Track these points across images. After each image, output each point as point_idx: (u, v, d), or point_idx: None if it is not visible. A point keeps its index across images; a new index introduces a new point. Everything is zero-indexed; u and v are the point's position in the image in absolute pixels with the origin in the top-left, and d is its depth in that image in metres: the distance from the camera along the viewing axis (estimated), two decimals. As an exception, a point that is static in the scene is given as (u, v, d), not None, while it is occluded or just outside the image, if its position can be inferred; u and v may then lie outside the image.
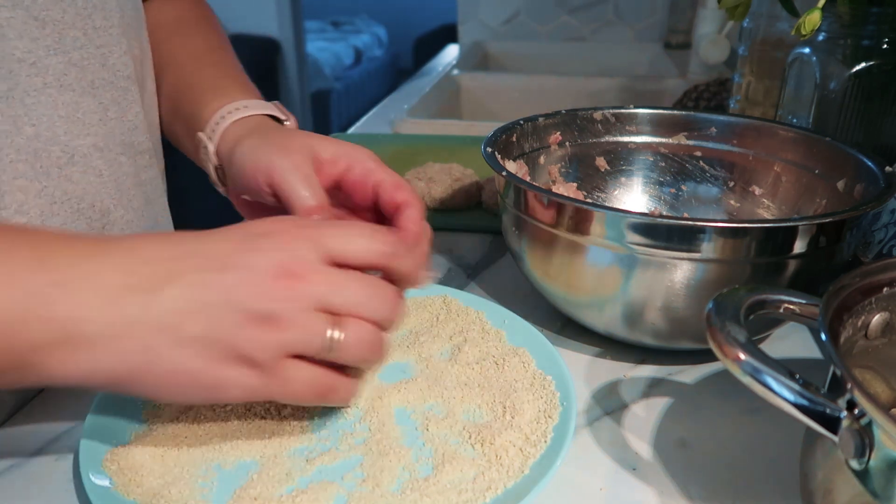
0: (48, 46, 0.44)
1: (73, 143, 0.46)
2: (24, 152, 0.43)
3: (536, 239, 0.48)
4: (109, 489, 0.35)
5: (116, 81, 0.50)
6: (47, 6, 0.44)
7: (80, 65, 0.46)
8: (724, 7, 0.64)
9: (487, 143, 0.53)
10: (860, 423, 0.27)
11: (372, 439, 0.39)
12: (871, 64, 0.58)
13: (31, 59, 0.43)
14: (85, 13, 0.46)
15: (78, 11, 0.46)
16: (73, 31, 0.45)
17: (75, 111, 0.46)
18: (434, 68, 1.50)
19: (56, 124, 0.45)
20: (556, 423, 0.40)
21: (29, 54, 0.43)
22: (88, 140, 0.47)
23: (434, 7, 4.60)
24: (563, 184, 0.60)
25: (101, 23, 0.48)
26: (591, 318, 0.49)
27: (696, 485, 0.39)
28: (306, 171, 0.44)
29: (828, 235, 0.42)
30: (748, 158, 0.59)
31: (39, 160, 0.44)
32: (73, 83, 0.46)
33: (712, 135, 0.60)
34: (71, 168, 0.46)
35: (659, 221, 0.43)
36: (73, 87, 0.46)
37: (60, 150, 0.46)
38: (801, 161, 0.56)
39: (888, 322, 0.34)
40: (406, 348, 0.47)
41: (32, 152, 0.44)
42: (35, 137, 0.44)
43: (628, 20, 1.65)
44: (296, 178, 0.43)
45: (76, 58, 0.46)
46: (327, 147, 0.46)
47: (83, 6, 0.46)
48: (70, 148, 0.46)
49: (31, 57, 0.43)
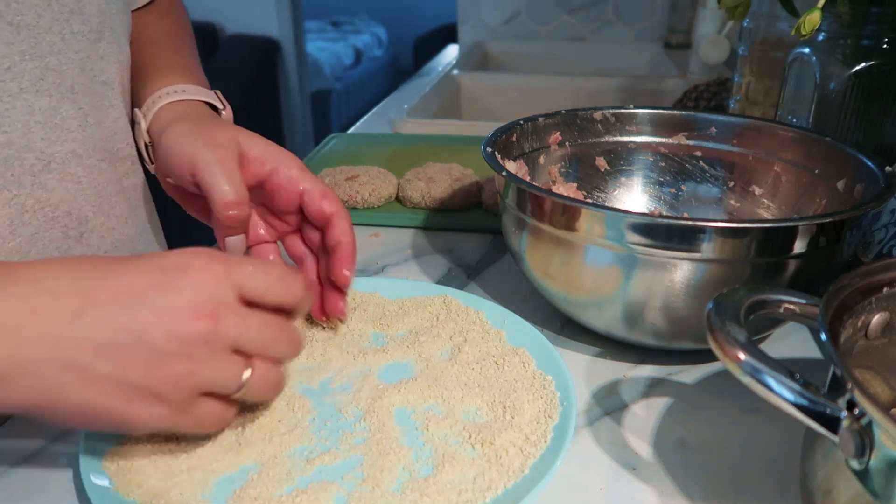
0: (23, 51, 0.43)
1: (50, 150, 0.46)
2: None
3: (536, 239, 0.48)
4: (109, 489, 0.35)
5: (95, 87, 0.49)
6: (22, 11, 0.43)
7: (58, 69, 0.46)
8: (724, 7, 0.64)
9: (487, 143, 0.53)
10: (860, 423, 0.27)
11: (372, 439, 0.39)
12: (871, 64, 0.58)
13: (6, 65, 0.42)
14: (62, 17, 0.46)
15: (55, 16, 0.45)
16: (49, 35, 0.45)
17: (53, 117, 0.46)
18: (434, 68, 1.50)
19: (32, 130, 0.44)
20: (556, 423, 0.40)
21: (3, 59, 0.42)
22: (66, 146, 0.47)
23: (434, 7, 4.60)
24: (563, 184, 0.60)
25: (79, 27, 0.47)
26: (591, 318, 0.49)
27: (696, 485, 0.39)
28: (230, 166, 0.44)
29: (828, 235, 0.42)
30: (748, 158, 0.59)
31: (10, 168, 0.44)
32: (50, 88, 0.45)
33: (712, 135, 0.60)
34: (46, 175, 0.46)
35: (659, 221, 0.43)
36: (50, 93, 0.45)
37: (35, 158, 0.45)
38: (801, 161, 0.56)
39: (888, 322, 0.34)
40: (406, 348, 0.47)
41: (3, 160, 0.43)
42: (7, 145, 0.43)
43: (628, 20, 1.65)
44: (218, 171, 0.43)
45: (53, 63, 0.45)
46: (255, 145, 0.46)
47: (59, 10, 0.46)
48: (46, 155, 0.46)
49: (5, 62, 0.42)
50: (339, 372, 0.45)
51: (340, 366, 0.46)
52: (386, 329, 0.50)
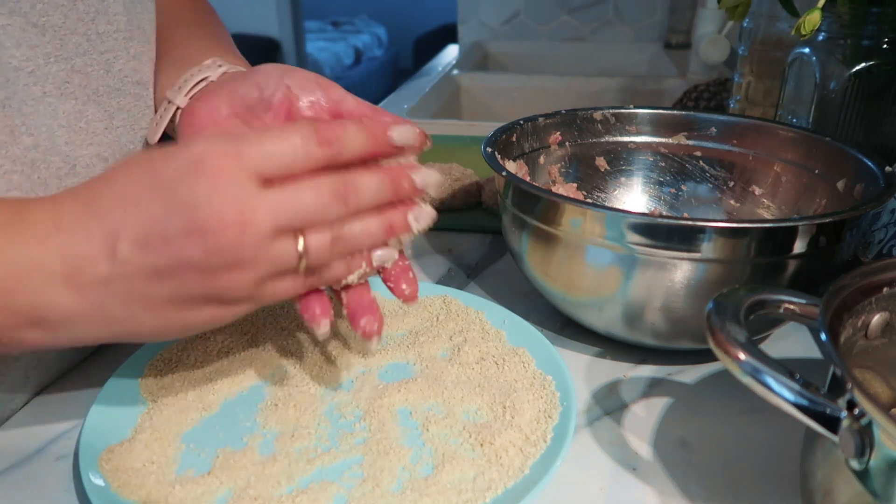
0: (48, 54, 0.43)
1: (75, 154, 0.45)
2: (19, 163, 0.42)
3: (536, 239, 0.48)
4: (109, 489, 0.35)
5: (124, 88, 0.48)
6: (47, 12, 0.43)
7: (84, 71, 0.45)
8: (724, 7, 0.64)
9: (487, 142, 0.53)
10: (860, 423, 0.27)
11: (372, 439, 0.39)
12: (871, 64, 0.58)
13: (30, 68, 0.42)
14: (87, 18, 0.45)
15: (80, 17, 0.45)
16: (74, 36, 0.44)
17: (78, 120, 0.45)
18: (434, 68, 1.50)
19: (56, 134, 0.44)
20: (556, 423, 0.40)
21: (27, 62, 0.42)
22: (92, 150, 0.46)
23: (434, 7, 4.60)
24: (563, 184, 0.60)
25: (104, 28, 0.46)
26: (590, 318, 0.49)
27: (696, 485, 0.39)
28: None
29: (828, 235, 0.42)
30: (748, 158, 0.59)
31: (37, 171, 0.43)
32: (75, 91, 0.45)
33: (712, 135, 0.60)
34: (72, 178, 0.45)
35: (659, 221, 0.43)
36: (75, 95, 0.45)
37: (61, 160, 0.44)
38: (801, 161, 0.56)
39: (888, 322, 0.34)
40: (406, 348, 0.47)
41: (29, 162, 0.43)
42: (33, 147, 0.43)
43: (628, 20, 1.65)
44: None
45: (79, 64, 0.45)
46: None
47: (85, 11, 0.45)
48: (71, 158, 0.45)
49: (29, 65, 0.42)
50: (340, 372, 0.45)
51: (341, 366, 0.46)
52: (386, 329, 0.50)
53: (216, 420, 0.41)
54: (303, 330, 0.49)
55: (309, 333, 0.49)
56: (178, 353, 0.46)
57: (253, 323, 0.50)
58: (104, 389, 0.42)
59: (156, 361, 0.46)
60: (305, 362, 0.46)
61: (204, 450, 0.39)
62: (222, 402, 0.43)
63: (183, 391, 0.43)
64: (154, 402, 0.42)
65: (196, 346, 0.47)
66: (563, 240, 0.46)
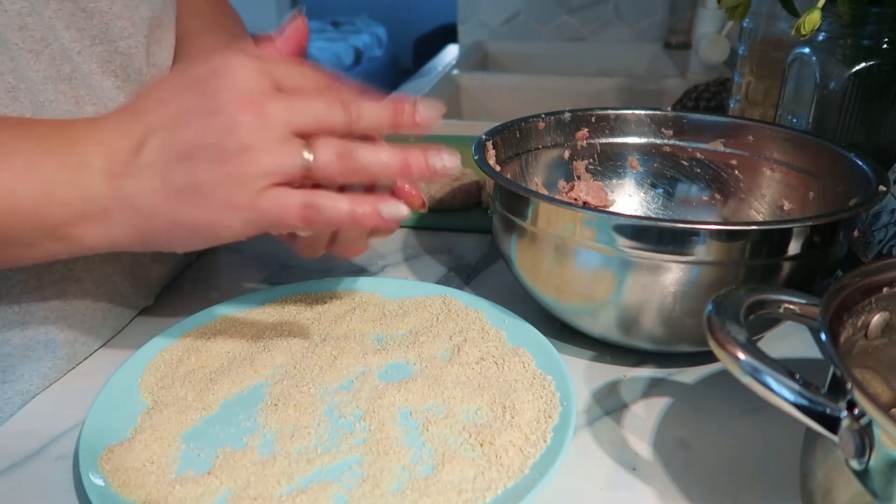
0: (94, 36, 0.46)
1: None
2: None
3: (525, 241, 0.47)
4: (109, 489, 0.35)
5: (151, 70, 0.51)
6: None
7: (127, 53, 0.48)
8: (724, 7, 0.64)
9: (478, 143, 0.52)
10: (860, 423, 0.27)
11: (372, 439, 0.39)
12: (871, 64, 0.58)
13: (78, 49, 0.45)
14: (132, 4, 0.48)
15: (126, 2, 0.48)
16: (120, 21, 0.47)
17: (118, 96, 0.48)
18: (434, 68, 1.49)
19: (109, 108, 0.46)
20: (555, 423, 0.40)
21: (75, 44, 0.45)
22: None
23: (434, 7, 4.59)
24: (588, 181, 0.60)
25: (146, 13, 0.50)
26: (585, 323, 0.48)
27: (696, 485, 0.39)
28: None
29: (822, 237, 0.42)
30: (744, 160, 0.59)
31: None
32: (116, 70, 0.47)
33: (710, 136, 0.60)
34: None
35: (653, 224, 0.43)
36: (115, 73, 0.48)
37: None
38: (796, 163, 0.55)
39: (888, 322, 0.34)
40: (406, 348, 0.47)
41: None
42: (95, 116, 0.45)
43: (628, 20, 1.65)
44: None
45: (122, 47, 0.48)
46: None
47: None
48: None
49: (77, 46, 0.45)
50: (340, 372, 0.45)
51: (341, 366, 0.46)
52: (386, 329, 0.50)
53: (216, 420, 0.41)
54: (303, 330, 0.49)
55: (309, 334, 0.49)
56: (178, 353, 0.46)
57: (253, 324, 0.50)
58: (104, 389, 0.42)
59: (156, 361, 0.46)
60: (305, 363, 0.46)
61: (204, 450, 0.39)
62: (222, 402, 0.43)
63: (183, 391, 0.43)
64: (154, 402, 0.42)
65: (196, 346, 0.47)
66: (554, 242, 0.45)
